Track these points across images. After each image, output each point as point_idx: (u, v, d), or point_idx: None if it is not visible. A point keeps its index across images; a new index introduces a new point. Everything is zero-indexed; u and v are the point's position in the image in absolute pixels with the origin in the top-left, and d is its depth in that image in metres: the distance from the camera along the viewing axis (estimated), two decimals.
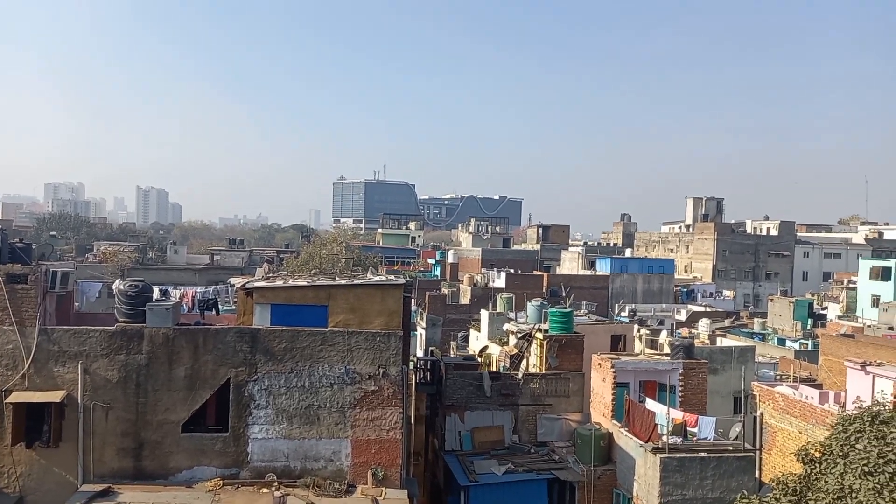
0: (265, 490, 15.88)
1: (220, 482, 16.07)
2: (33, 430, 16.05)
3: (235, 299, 22.20)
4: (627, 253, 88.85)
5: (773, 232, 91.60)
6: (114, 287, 18.77)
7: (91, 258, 60.99)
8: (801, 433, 20.26)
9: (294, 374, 16.91)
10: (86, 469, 16.13)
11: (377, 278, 20.14)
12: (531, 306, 30.65)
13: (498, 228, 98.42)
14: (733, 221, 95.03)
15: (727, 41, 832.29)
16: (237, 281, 20.47)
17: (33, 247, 19.49)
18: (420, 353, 37.52)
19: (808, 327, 48.67)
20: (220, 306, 23.19)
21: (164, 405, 16.49)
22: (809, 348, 38.91)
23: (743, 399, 21.82)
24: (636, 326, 33.47)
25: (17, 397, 15.90)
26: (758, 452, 19.52)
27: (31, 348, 16.17)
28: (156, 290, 20.48)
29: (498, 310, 36.68)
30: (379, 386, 17.21)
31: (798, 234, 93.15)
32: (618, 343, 29.20)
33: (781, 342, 43.58)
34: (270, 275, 23.71)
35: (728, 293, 71.51)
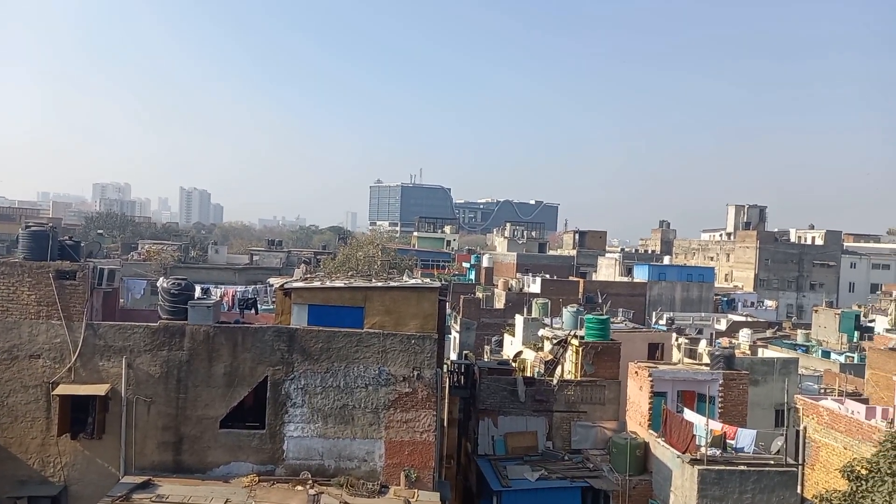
0: (300, 488, 16.07)
1: (256, 478, 16.32)
2: (78, 421, 16.57)
3: (274, 299, 22.56)
4: (666, 260, 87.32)
5: (819, 241, 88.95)
6: (158, 285, 19.27)
7: (136, 256, 62.75)
8: (846, 449, 19.63)
9: (330, 374, 17.10)
10: (127, 461, 16.57)
11: (413, 281, 20.23)
12: (567, 312, 30.40)
13: (533, 233, 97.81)
14: (776, 230, 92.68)
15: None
16: (276, 281, 20.81)
17: (82, 244, 20.10)
18: (454, 357, 37.52)
19: (855, 340, 47.08)
20: (259, 306, 23.60)
21: (204, 401, 16.84)
22: (855, 361, 37.66)
23: (785, 412, 21.20)
24: (674, 335, 32.90)
25: (63, 390, 16.44)
26: (800, 467, 18.93)
27: (78, 343, 16.70)
28: (197, 288, 20.94)
29: (533, 315, 36.48)
30: (413, 388, 17.27)
31: (845, 243, 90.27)
32: (655, 351, 28.74)
33: (826, 355, 42.24)
34: (308, 276, 24.02)
35: (770, 303, 69.68)
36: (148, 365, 16.81)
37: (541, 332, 30.51)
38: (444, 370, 22.82)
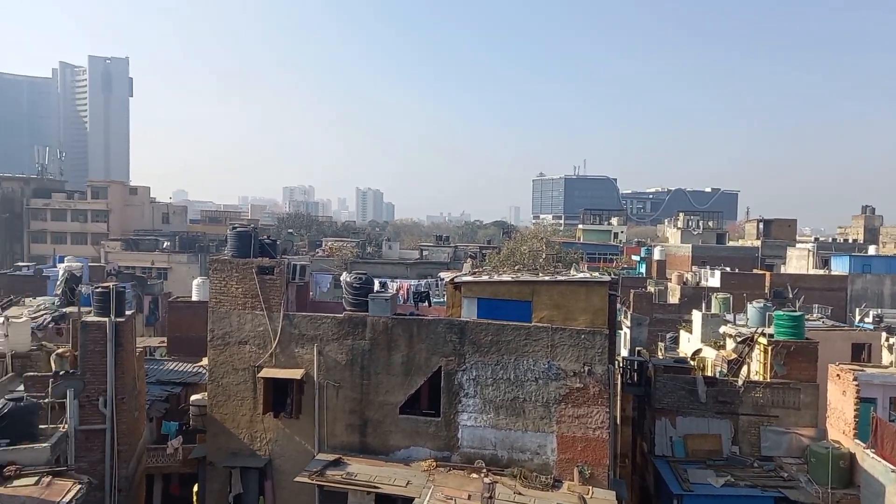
0: (474, 475, 16.52)
1: (434, 463, 17.05)
2: (279, 402, 18.42)
3: (445, 292, 23.35)
4: (871, 250, 76.89)
5: None
6: (341, 279, 20.82)
7: (320, 253, 68.45)
8: None
9: (500, 367, 17.34)
10: (321, 440, 18.14)
11: (581, 275, 19.84)
12: (752, 308, 27.99)
13: (710, 223, 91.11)
14: None
15: None
16: (446, 275, 21.54)
17: (277, 243, 22.31)
18: (625, 353, 36.22)
19: None
20: (431, 298, 24.56)
21: (385, 388, 17.92)
22: None
23: None
24: (884, 335, 28.85)
25: (266, 373, 18.39)
26: None
27: (278, 331, 18.57)
28: (376, 282, 22.29)
29: (712, 311, 34.01)
30: (584, 383, 16.97)
31: None
32: (860, 353, 25.52)
33: None
34: (476, 270, 24.55)
35: None
36: (335, 352, 18.25)
37: (722, 329, 28.39)
38: (616, 367, 22.12)
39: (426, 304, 22.81)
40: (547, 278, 18.23)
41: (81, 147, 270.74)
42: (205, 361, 22.05)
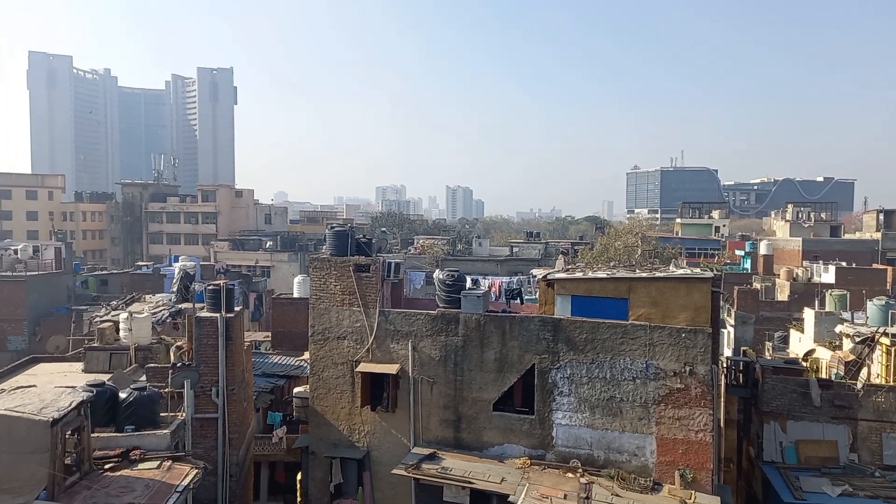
0: (570, 475, 16.31)
1: (528, 461, 16.98)
2: (376, 396, 18.95)
3: (537, 289, 23.15)
4: None
5: None
6: (434, 276, 21.12)
7: (412, 250, 69.74)
8: None
9: (595, 365, 17.01)
10: (416, 434, 18.52)
11: (680, 271, 19.08)
12: (872, 305, 25.94)
13: (823, 215, 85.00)
14: None
15: None
16: (538, 272, 21.32)
17: (373, 241, 22.95)
18: (729, 353, 34.50)
19: None
20: (523, 295, 24.43)
21: (478, 384, 18.03)
22: None
23: None
24: None
25: (364, 367, 18.96)
26: None
27: (374, 327, 19.10)
28: (468, 279, 22.44)
29: (826, 308, 31.80)
30: (685, 384, 16.34)
31: None
32: None
33: None
34: (569, 266, 24.16)
35: None
36: (429, 348, 18.55)
37: (838, 329, 26.47)
38: (720, 367, 21.11)
39: (518, 301, 22.71)
40: (644, 275, 17.67)
41: (192, 153, 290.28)
42: (306, 355, 23.04)
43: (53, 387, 15.66)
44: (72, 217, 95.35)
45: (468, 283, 20.64)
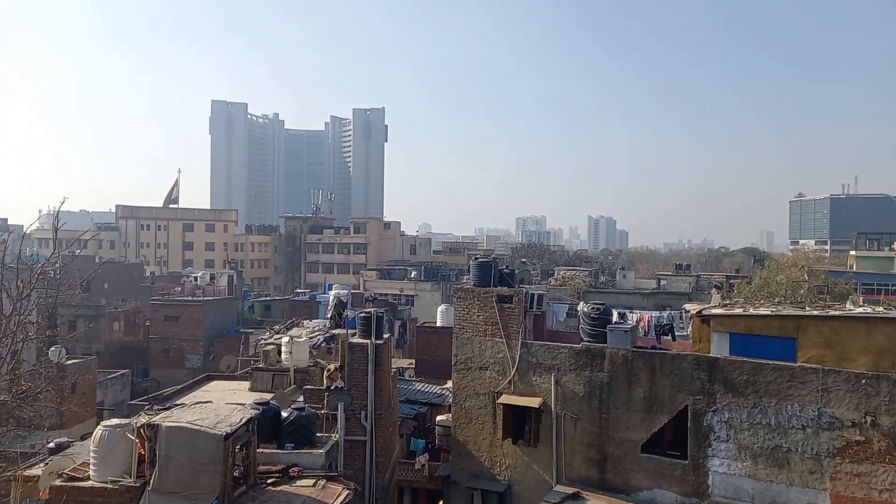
0: None
1: None
2: (517, 428, 18.76)
3: (689, 325, 21.86)
4: None
5: None
6: (578, 309, 20.69)
7: (552, 282, 68.87)
8: None
9: (758, 410, 15.64)
10: (559, 471, 18.04)
11: (859, 309, 17.14)
12: None
13: None
14: None
15: None
16: (691, 307, 20.16)
17: (515, 272, 23.01)
18: None
19: None
20: (675, 332, 23.20)
21: (625, 423, 17.25)
22: None
23: None
24: None
25: (505, 399, 18.89)
26: None
27: (516, 358, 19.03)
28: (614, 312, 21.73)
29: None
30: (866, 436, 14.54)
31: None
32: None
33: None
34: (727, 302, 22.58)
35: None
36: (573, 383, 18.10)
37: None
38: None
39: (669, 337, 21.58)
40: (816, 312, 16.08)
41: (346, 188, 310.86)
42: (449, 384, 23.43)
43: (225, 403, 17.27)
44: (242, 248, 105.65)
45: (615, 317, 19.99)
